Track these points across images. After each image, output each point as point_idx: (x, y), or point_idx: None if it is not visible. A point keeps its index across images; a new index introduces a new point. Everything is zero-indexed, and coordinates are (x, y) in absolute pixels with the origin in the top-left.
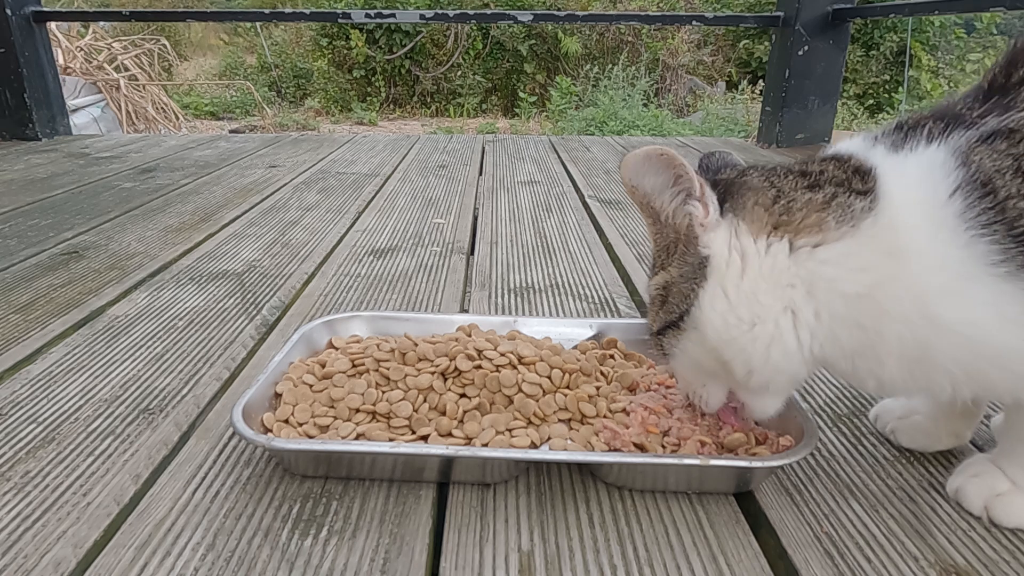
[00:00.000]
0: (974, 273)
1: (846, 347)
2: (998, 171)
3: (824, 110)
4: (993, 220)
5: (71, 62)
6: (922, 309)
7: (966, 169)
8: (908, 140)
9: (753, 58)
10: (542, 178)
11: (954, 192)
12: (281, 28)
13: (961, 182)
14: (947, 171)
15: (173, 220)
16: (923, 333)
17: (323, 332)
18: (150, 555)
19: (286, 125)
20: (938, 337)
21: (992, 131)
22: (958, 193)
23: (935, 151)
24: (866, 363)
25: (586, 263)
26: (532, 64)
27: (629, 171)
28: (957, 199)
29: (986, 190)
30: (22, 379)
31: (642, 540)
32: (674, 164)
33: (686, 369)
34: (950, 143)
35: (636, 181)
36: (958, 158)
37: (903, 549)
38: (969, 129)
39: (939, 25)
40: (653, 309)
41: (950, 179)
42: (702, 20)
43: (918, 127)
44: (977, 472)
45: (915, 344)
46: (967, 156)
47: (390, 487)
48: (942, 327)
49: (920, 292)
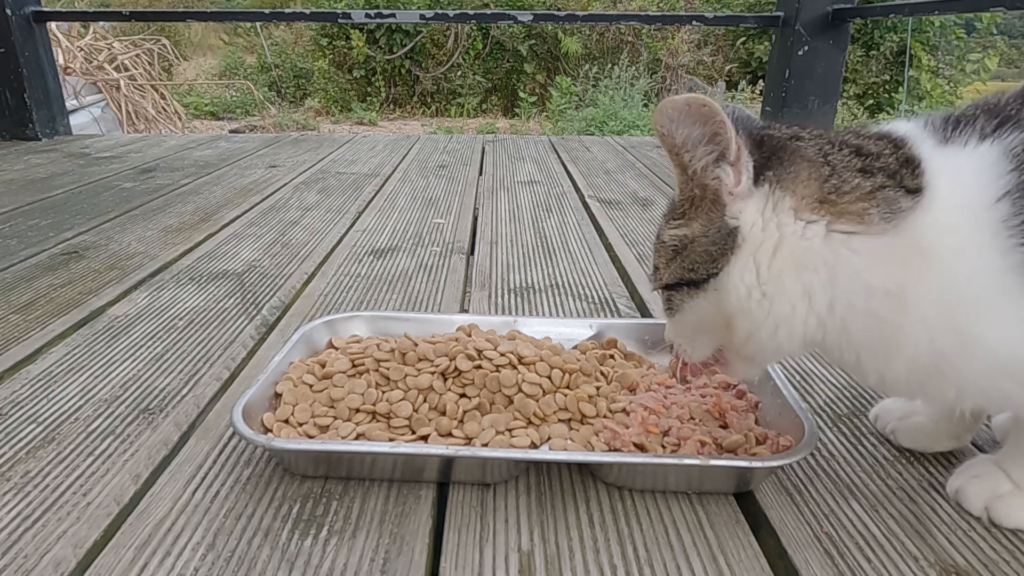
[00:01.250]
0: (1010, 286)
1: (855, 340)
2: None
3: (824, 110)
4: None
5: (71, 62)
6: (949, 317)
7: (1019, 173)
8: (960, 133)
9: (753, 58)
10: (542, 178)
11: (1002, 196)
12: (281, 28)
13: (1011, 186)
14: (998, 173)
15: (173, 220)
16: (943, 342)
17: (323, 332)
18: (150, 555)
19: (286, 125)
20: (960, 348)
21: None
22: (1006, 198)
23: (987, 150)
24: (873, 359)
25: (586, 263)
26: (532, 64)
27: (664, 117)
28: (1004, 204)
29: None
30: (22, 379)
31: (642, 540)
32: (714, 118)
33: (687, 324)
34: (1003, 143)
35: (668, 129)
36: (1012, 160)
37: (903, 549)
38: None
39: (939, 25)
40: (663, 258)
41: (1000, 182)
42: (702, 20)
43: (969, 121)
44: (978, 473)
45: (931, 351)
46: (1021, 160)
47: (390, 487)
48: (967, 339)
49: (950, 299)
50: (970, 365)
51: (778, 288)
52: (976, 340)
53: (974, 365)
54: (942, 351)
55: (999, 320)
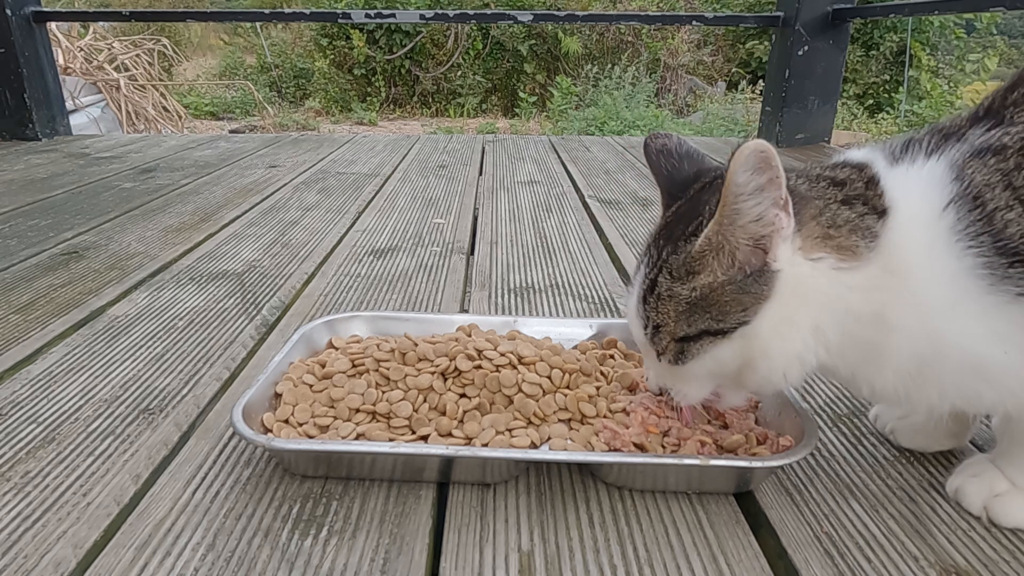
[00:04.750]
0: (967, 287)
1: (850, 360)
2: (987, 184)
3: (824, 110)
4: (980, 232)
5: (71, 62)
6: (923, 323)
7: (960, 183)
8: (908, 153)
9: (753, 58)
10: (542, 178)
11: (948, 205)
12: (281, 28)
13: (955, 195)
14: (943, 184)
15: (173, 220)
16: (922, 347)
17: (323, 332)
18: (150, 555)
19: (286, 125)
20: (934, 351)
21: (985, 146)
22: (951, 206)
23: (933, 165)
24: (866, 374)
25: (586, 263)
26: (532, 64)
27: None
28: (951, 212)
29: (976, 203)
30: (22, 379)
31: (642, 540)
32: (772, 165)
33: (698, 371)
34: (947, 156)
35: (744, 179)
36: (954, 171)
37: (903, 549)
38: (964, 144)
39: (939, 25)
40: (670, 313)
41: (945, 191)
42: (702, 20)
43: (918, 142)
44: (976, 472)
45: (913, 358)
46: (962, 170)
47: (390, 487)
48: (939, 341)
49: (923, 307)
50: (943, 366)
51: (793, 327)
52: (945, 341)
53: (946, 365)
54: (922, 356)
55: (961, 320)
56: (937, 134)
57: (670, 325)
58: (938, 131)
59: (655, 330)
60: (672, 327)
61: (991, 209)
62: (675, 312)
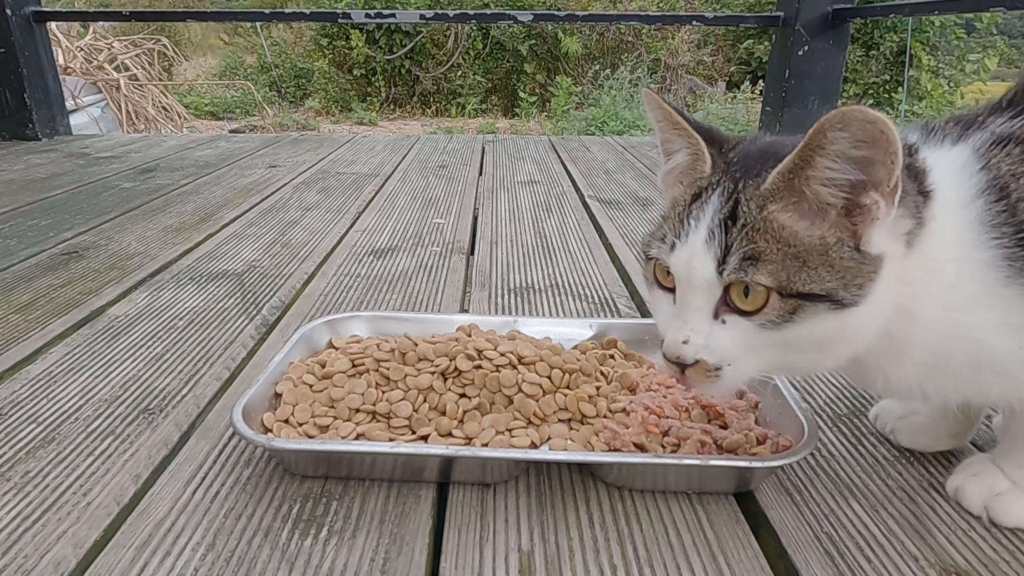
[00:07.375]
0: (988, 279)
1: (875, 351)
2: (1014, 174)
3: (824, 110)
4: (1004, 223)
5: (71, 62)
6: (949, 317)
7: (987, 172)
8: (937, 136)
9: (753, 58)
10: (542, 178)
11: (977, 194)
12: (281, 28)
13: (984, 184)
14: (971, 172)
15: (173, 220)
16: (944, 339)
17: (323, 332)
18: (150, 555)
19: (286, 125)
20: (957, 344)
21: (1007, 134)
22: (981, 195)
23: (960, 151)
24: (884, 365)
25: (586, 263)
26: (532, 64)
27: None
28: (979, 201)
29: (1002, 193)
30: (22, 379)
31: (642, 540)
32: (892, 142)
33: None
34: (970, 144)
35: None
36: (979, 160)
37: (903, 549)
38: (985, 132)
39: (939, 25)
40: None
41: (973, 180)
42: (702, 20)
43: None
44: (977, 471)
45: (934, 350)
46: (987, 159)
47: (390, 487)
48: (962, 334)
49: (950, 300)
50: (962, 359)
51: (877, 315)
52: (967, 335)
53: (964, 358)
54: (941, 349)
55: (981, 312)
56: (959, 123)
57: (775, 265)
58: (958, 120)
59: (750, 261)
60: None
61: (1015, 200)
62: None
